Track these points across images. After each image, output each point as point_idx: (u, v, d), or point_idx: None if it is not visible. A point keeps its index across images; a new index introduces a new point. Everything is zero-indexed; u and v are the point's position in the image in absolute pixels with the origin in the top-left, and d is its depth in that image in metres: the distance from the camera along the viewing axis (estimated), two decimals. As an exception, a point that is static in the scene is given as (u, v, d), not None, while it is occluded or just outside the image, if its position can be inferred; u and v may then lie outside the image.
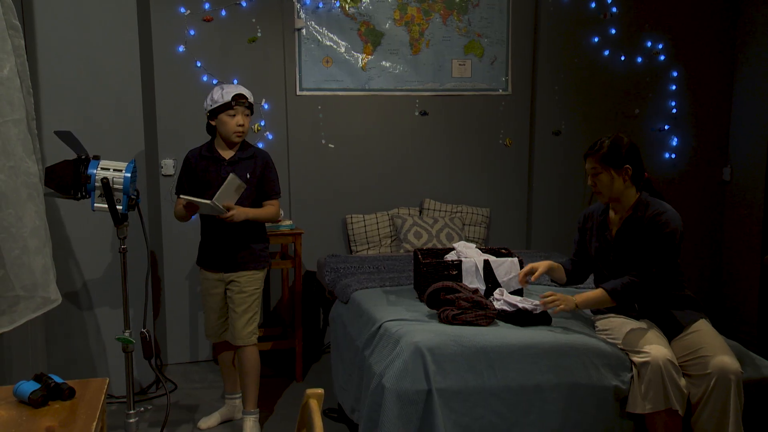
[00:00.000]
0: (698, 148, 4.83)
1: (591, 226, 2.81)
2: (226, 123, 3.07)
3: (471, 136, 4.58)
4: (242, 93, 3.08)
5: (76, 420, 1.76)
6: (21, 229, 2.48)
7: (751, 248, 4.58)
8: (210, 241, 3.17)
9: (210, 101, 3.09)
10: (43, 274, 2.64)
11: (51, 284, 2.68)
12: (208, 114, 3.11)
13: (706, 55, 4.76)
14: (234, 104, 3.05)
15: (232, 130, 3.08)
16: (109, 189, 2.45)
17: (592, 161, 2.64)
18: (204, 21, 4.07)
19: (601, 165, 2.61)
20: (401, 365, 2.43)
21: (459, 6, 4.45)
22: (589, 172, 2.66)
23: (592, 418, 2.49)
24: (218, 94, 3.07)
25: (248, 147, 3.18)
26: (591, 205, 2.89)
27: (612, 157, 2.59)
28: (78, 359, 3.59)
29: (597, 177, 2.63)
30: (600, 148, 2.62)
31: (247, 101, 3.09)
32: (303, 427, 1.71)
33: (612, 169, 2.60)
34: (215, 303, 3.22)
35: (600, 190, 2.65)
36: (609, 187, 2.62)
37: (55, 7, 3.38)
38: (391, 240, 4.38)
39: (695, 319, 2.60)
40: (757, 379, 2.52)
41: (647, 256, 2.55)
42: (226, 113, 3.06)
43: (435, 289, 2.82)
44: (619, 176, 2.60)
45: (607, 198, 2.66)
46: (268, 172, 3.18)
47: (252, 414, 3.21)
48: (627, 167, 2.59)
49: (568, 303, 2.61)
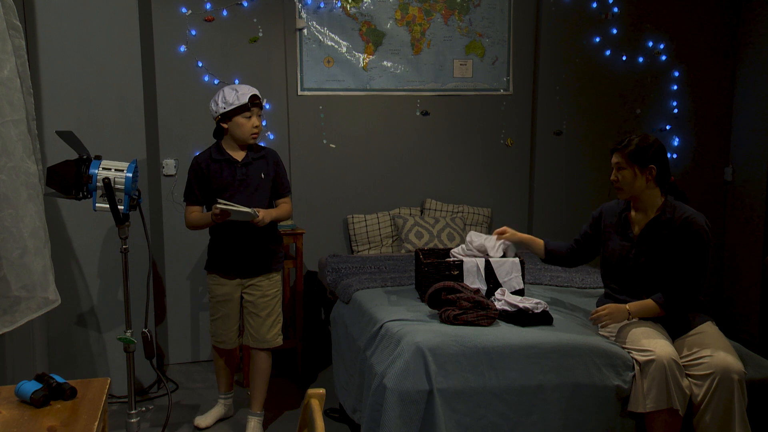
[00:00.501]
0: (700, 148, 4.83)
1: (609, 223, 2.82)
2: (243, 125, 3.00)
3: (472, 136, 4.58)
4: (257, 93, 3.03)
5: (78, 420, 1.76)
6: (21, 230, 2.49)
7: (752, 248, 4.58)
8: (228, 247, 3.08)
9: (223, 103, 2.98)
10: (43, 275, 2.64)
11: (50, 285, 2.68)
12: (220, 117, 3.01)
13: (707, 55, 4.76)
14: (250, 105, 3.00)
15: (249, 132, 3.02)
16: (110, 189, 2.45)
17: (618, 156, 2.66)
18: (205, 21, 4.07)
19: (627, 161, 2.63)
20: (402, 365, 2.43)
21: (460, 6, 4.44)
22: (613, 167, 2.68)
23: (593, 417, 2.49)
24: (232, 95, 2.97)
25: (258, 147, 3.14)
26: (610, 202, 2.90)
27: (638, 154, 2.61)
28: (79, 359, 3.60)
29: (620, 172, 2.66)
30: (628, 144, 2.64)
31: (260, 101, 3.05)
32: (304, 427, 1.71)
33: (637, 166, 2.62)
34: (233, 309, 3.17)
35: (621, 186, 2.67)
36: (631, 184, 2.64)
37: (57, 7, 3.39)
38: (392, 240, 4.38)
39: (703, 321, 2.62)
40: (760, 379, 2.52)
41: (684, 262, 2.57)
42: (242, 115, 2.98)
43: (436, 290, 2.82)
44: (642, 175, 2.62)
45: (627, 195, 2.68)
46: (279, 170, 3.17)
47: (258, 415, 3.22)
48: (652, 167, 2.61)
49: (618, 315, 2.60)
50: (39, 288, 2.61)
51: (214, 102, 3.04)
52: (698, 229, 2.56)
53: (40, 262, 2.62)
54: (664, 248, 2.62)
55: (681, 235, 2.59)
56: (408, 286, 3.36)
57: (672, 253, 2.60)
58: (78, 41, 3.44)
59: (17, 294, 2.49)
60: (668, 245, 2.61)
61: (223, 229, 3.06)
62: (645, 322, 2.61)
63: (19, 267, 2.49)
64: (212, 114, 3.05)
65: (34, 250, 2.57)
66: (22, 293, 2.52)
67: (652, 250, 2.64)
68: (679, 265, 2.59)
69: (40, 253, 2.62)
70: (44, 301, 2.65)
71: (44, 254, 2.66)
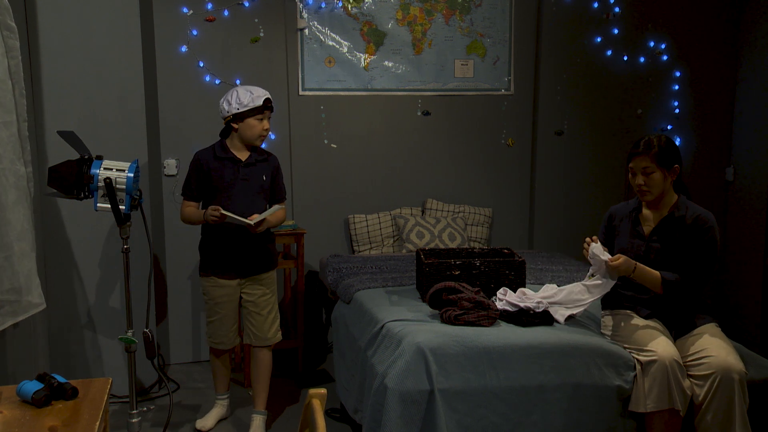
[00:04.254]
0: (701, 149, 4.82)
1: (618, 224, 2.81)
2: (254, 126, 3.05)
3: (473, 136, 4.58)
4: (270, 97, 3.09)
5: (79, 420, 1.76)
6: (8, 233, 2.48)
7: (754, 249, 4.57)
8: (225, 248, 3.09)
9: (237, 104, 3.00)
10: (28, 279, 2.64)
11: (35, 289, 2.68)
12: (232, 117, 3.03)
13: (709, 55, 4.75)
14: (263, 108, 3.04)
15: (259, 134, 3.07)
16: (112, 189, 2.45)
17: (645, 160, 2.60)
18: (207, 21, 4.07)
19: (656, 164, 2.59)
20: (403, 365, 2.43)
21: (461, 6, 4.44)
22: (638, 171, 2.63)
23: (594, 418, 2.49)
24: (247, 97, 3.00)
25: (261, 150, 3.18)
26: (617, 204, 2.89)
27: (664, 155, 2.59)
28: (81, 359, 3.60)
29: (650, 176, 2.60)
30: (652, 146, 2.60)
31: (272, 105, 3.11)
32: (306, 427, 1.71)
33: (665, 168, 2.60)
34: (231, 310, 3.18)
35: (650, 189, 2.62)
36: (660, 186, 2.62)
37: (58, 6, 3.39)
38: (393, 240, 4.38)
39: (707, 322, 2.62)
40: (761, 379, 2.52)
41: (694, 258, 2.58)
42: (254, 117, 3.03)
43: (437, 290, 2.82)
44: (669, 176, 2.61)
45: (655, 196, 2.65)
46: (278, 175, 3.22)
47: (262, 414, 3.23)
48: (676, 167, 2.61)
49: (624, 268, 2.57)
50: (24, 292, 2.60)
51: (226, 101, 3.05)
52: (709, 227, 2.58)
53: (26, 265, 2.61)
54: (676, 245, 2.61)
55: (692, 233, 2.59)
56: (409, 286, 3.36)
57: (683, 250, 2.60)
58: (79, 41, 3.44)
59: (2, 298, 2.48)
60: (680, 242, 2.61)
61: (219, 229, 3.07)
62: (647, 322, 2.61)
63: (3, 270, 2.48)
64: (223, 113, 3.06)
65: (20, 253, 2.56)
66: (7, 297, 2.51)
67: (664, 248, 2.64)
68: (688, 260, 2.59)
69: (26, 257, 2.61)
70: (28, 304, 2.65)
71: (31, 257, 2.64)
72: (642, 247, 2.69)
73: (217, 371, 3.35)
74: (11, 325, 2.65)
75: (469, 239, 4.40)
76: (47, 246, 3.46)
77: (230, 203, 3.03)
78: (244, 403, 3.57)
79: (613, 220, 2.84)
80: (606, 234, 2.87)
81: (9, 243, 2.49)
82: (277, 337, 3.22)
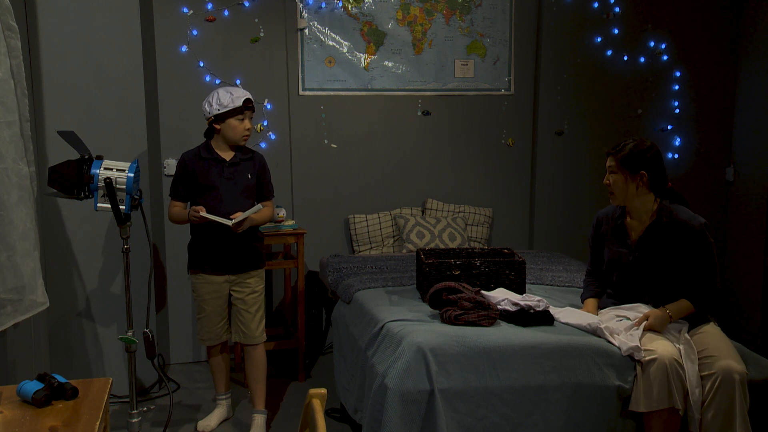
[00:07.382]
0: (701, 149, 4.82)
1: (605, 231, 2.81)
2: (235, 127, 3.08)
3: (473, 136, 4.58)
4: (250, 97, 3.11)
5: (80, 420, 1.76)
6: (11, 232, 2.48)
7: (754, 249, 4.57)
8: (213, 245, 3.12)
9: (217, 105, 3.05)
10: (32, 278, 2.64)
11: (39, 287, 2.68)
12: (213, 118, 3.08)
13: (709, 55, 4.75)
14: (244, 109, 3.07)
15: (241, 134, 3.10)
16: (112, 189, 2.45)
17: (611, 160, 2.67)
18: (207, 21, 4.07)
19: (618, 166, 2.62)
20: (404, 365, 2.43)
21: (461, 6, 4.44)
22: (607, 170, 2.68)
23: (594, 418, 2.49)
24: (227, 98, 3.04)
25: (246, 149, 3.21)
26: (604, 209, 2.89)
27: (630, 160, 2.60)
28: (81, 359, 3.60)
29: (612, 176, 2.66)
30: (622, 149, 2.63)
31: (253, 105, 3.14)
32: (306, 427, 1.71)
33: (628, 172, 2.61)
34: (219, 306, 3.21)
35: (613, 191, 2.67)
36: (622, 189, 2.64)
37: (59, 6, 3.39)
38: (393, 240, 4.37)
39: (706, 321, 2.62)
40: (761, 379, 2.52)
41: (696, 265, 2.58)
42: (235, 117, 3.07)
43: (437, 290, 2.82)
44: (633, 181, 2.61)
45: (619, 200, 2.67)
46: (264, 173, 3.24)
47: (263, 413, 3.24)
48: (642, 173, 2.59)
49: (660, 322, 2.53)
50: (27, 290, 2.60)
51: (207, 103, 3.10)
52: (698, 229, 2.57)
53: (30, 264, 2.62)
54: (664, 253, 2.61)
55: (681, 239, 2.58)
56: (409, 286, 3.36)
57: (672, 257, 2.60)
58: (79, 41, 3.44)
59: (4, 297, 2.49)
60: (668, 249, 2.60)
61: (205, 228, 3.10)
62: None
63: (7, 269, 2.48)
64: (205, 114, 3.12)
65: (23, 252, 2.56)
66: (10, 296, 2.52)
67: (651, 256, 2.63)
68: (691, 269, 2.59)
69: (29, 255, 2.61)
70: (32, 303, 2.65)
71: (34, 256, 2.65)
72: (626, 256, 2.69)
73: (216, 370, 3.36)
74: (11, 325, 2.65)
75: (469, 239, 4.40)
76: (47, 246, 3.47)
77: (216, 203, 3.06)
78: (245, 403, 3.57)
79: (601, 226, 2.84)
80: (595, 240, 2.87)
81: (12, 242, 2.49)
82: (263, 337, 3.23)
